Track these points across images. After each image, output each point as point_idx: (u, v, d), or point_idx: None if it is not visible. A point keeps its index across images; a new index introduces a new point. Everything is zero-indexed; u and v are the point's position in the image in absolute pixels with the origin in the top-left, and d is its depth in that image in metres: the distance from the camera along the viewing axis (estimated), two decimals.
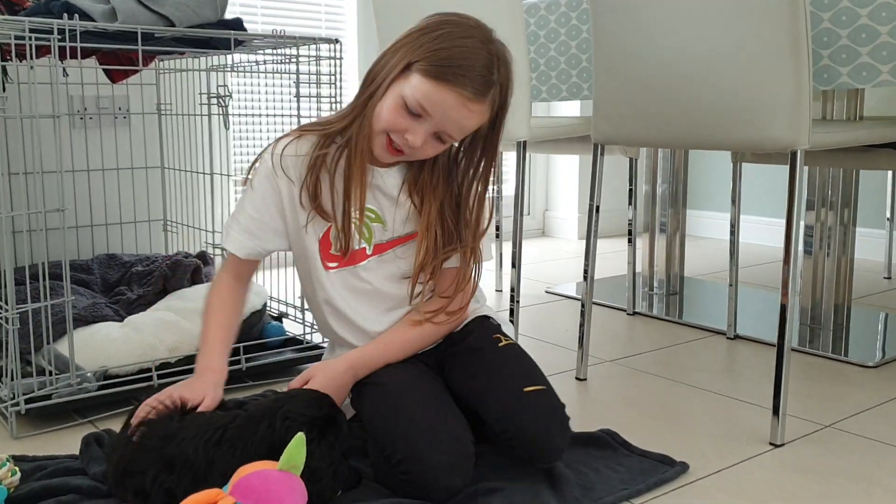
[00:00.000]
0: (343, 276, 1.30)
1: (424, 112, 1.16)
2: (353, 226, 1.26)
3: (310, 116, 1.75)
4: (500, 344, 1.29)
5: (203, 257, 2.05)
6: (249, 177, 1.29)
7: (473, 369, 1.26)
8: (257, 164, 1.29)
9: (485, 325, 1.34)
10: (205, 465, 1.05)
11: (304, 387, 1.20)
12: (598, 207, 1.70)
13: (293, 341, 1.81)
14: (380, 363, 1.27)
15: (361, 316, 1.31)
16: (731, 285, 2.05)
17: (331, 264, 1.30)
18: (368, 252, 1.30)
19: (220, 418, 1.11)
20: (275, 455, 1.01)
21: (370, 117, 1.20)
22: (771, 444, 1.38)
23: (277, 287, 2.02)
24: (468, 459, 1.14)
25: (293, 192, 1.26)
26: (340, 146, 1.24)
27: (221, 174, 2.48)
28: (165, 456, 1.06)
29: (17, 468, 1.15)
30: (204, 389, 1.18)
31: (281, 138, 1.29)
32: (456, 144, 1.27)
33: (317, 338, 1.83)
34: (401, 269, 1.31)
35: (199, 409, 1.15)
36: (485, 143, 1.25)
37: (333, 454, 1.09)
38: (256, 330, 1.77)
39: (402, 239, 1.31)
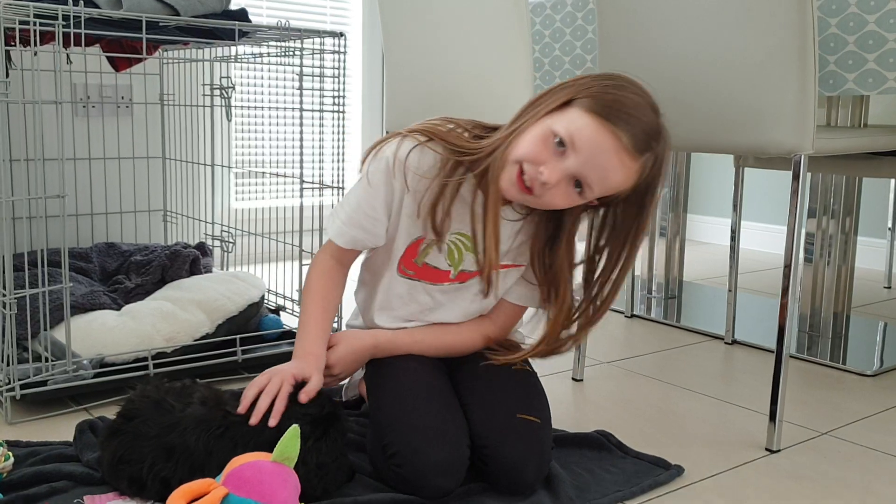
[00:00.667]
0: (413, 285, 1.29)
1: (572, 147, 1.07)
2: (451, 247, 1.24)
3: (312, 110, 1.74)
4: (515, 367, 1.28)
5: (202, 248, 2.05)
6: (365, 170, 1.23)
7: (478, 375, 1.26)
8: (372, 156, 1.23)
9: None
10: (204, 456, 1.05)
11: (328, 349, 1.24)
12: None
13: (290, 334, 1.80)
14: (403, 353, 1.28)
15: (404, 322, 1.31)
16: (730, 290, 2.04)
17: (408, 271, 1.29)
18: (452, 276, 1.28)
19: (222, 412, 1.11)
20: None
21: (509, 147, 1.13)
22: (767, 449, 1.37)
23: (276, 280, 2.02)
24: (463, 463, 1.14)
25: (405, 199, 1.22)
26: (473, 182, 1.19)
27: (223, 166, 2.48)
28: (166, 444, 1.06)
29: (10, 453, 1.15)
30: (309, 371, 1.16)
31: (405, 138, 1.21)
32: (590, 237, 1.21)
33: None
34: (475, 308, 1.31)
35: (304, 391, 1.13)
36: (626, 236, 1.19)
37: (338, 448, 1.11)
38: (254, 322, 1.77)
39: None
